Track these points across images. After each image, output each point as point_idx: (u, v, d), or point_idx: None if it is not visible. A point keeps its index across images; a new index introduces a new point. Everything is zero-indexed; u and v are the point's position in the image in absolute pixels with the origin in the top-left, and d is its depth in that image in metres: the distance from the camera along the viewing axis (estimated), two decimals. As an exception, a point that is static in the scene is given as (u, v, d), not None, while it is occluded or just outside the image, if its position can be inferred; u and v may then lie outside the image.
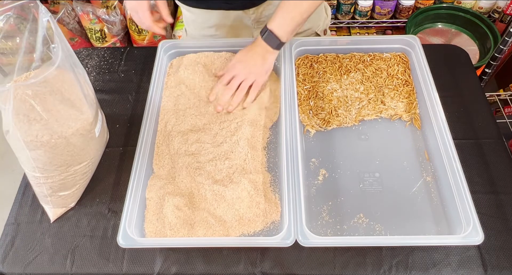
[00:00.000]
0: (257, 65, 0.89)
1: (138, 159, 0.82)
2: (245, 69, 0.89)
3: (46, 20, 0.69)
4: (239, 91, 0.90)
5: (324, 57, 1.01)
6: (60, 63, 0.69)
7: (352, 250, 0.77)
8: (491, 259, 0.75)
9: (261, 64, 0.89)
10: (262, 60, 0.89)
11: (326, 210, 0.80)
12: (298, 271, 0.75)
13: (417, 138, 0.89)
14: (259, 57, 0.89)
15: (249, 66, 0.89)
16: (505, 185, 0.84)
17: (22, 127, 0.71)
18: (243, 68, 0.90)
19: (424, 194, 0.81)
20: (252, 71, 0.89)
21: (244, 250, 0.78)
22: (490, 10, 1.87)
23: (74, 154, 0.78)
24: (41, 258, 0.79)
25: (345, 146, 0.89)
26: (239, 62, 0.91)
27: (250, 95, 0.90)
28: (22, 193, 0.88)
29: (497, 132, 0.92)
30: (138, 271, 0.77)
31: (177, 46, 1.01)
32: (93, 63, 1.09)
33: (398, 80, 0.97)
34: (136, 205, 0.78)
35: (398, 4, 1.90)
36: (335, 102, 0.94)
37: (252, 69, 0.89)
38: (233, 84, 0.90)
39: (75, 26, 1.86)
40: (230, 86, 0.90)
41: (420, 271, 0.74)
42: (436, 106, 0.86)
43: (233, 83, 0.90)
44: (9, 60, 0.75)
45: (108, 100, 1.01)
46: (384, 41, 1.01)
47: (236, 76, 0.90)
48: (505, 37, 1.43)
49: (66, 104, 0.74)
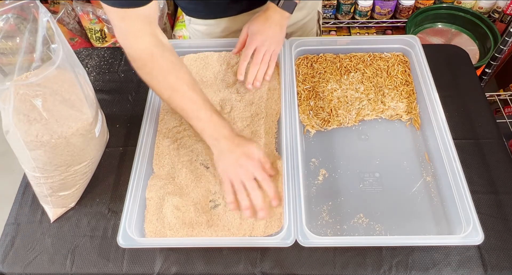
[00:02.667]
0: (276, 34, 0.89)
1: (138, 159, 0.82)
2: (266, 40, 0.88)
3: (46, 20, 0.69)
4: (263, 65, 0.89)
5: (324, 57, 1.01)
6: (60, 63, 0.69)
7: (352, 250, 0.77)
8: (491, 259, 0.75)
9: (280, 32, 0.89)
10: (280, 28, 0.89)
11: (326, 210, 0.80)
12: (298, 271, 0.75)
13: (417, 138, 0.89)
14: (277, 26, 0.89)
15: (269, 37, 0.88)
16: (505, 185, 0.84)
17: (22, 127, 0.71)
18: (264, 39, 0.88)
19: (424, 194, 0.81)
20: (273, 41, 0.89)
21: (244, 250, 0.78)
22: (490, 10, 1.87)
23: (74, 154, 0.78)
24: (41, 258, 0.79)
25: (345, 146, 0.89)
26: (257, 34, 0.89)
27: (270, 67, 0.90)
28: (22, 193, 0.89)
29: (497, 132, 0.92)
30: (138, 271, 0.77)
31: (177, 46, 1.01)
32: (93, 63, 1.09)
33: (398, 80, 0.97)
34: (136, 205, 0.78)
35: (398, 4, 1.90)
36: (335, 102, 0.94)
37: (272, 39, 0.89)
38: (258, 58, 0.89)
39: (75, 26, 1.86)
40: (255, 61, 0.89)
41: (420, 271, 0.74)
42: (436, 106, 0.86)
43: (258, 57, 0.89)
44: (9, 60, 0.75)
45: (108, 100, 1.01)
46: (384, 41, 1.01)
47: (258, 48, 0.89)
48: (505, 37, 1.43)
49: (66, 104, 0.74)
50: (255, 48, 0.89)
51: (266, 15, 0.89)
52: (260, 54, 0.89)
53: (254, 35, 0.89)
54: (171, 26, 2.00)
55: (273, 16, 0.89)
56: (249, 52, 0.89)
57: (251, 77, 0.89)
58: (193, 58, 1.00)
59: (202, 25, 1.06)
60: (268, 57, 0.89)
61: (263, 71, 0.89)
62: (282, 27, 0.90)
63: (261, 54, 0.89)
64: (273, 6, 0.88)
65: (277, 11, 0.88)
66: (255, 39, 0.89)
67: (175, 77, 0.78)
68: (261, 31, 0.89)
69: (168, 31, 1.95)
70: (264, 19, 0.89)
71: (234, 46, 1.01)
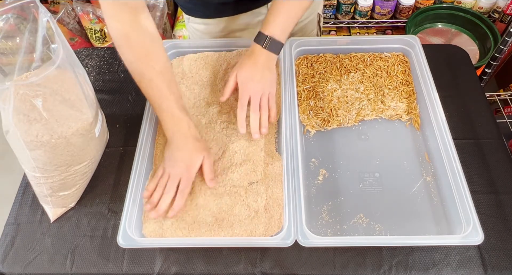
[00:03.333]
0: (266, 77, 0.85)
1: (138, 159, 0.82)
2: (257, 86, 0.84)
3: (46, 20, 0.69)
4: (263, 110, 0.85)
5: (324, 57, 1.01)
6: (60, 63, 0.69)
7: (352, 250, 0.77)
8: (491, 259, 0.75)
9: (269, 74, 0.85)
10: (268, 70, 0.85)
11: (326, 210, 0.80)
12: (298, 271, 0.75)
13: (417, 138, 0.89)
14: (265, 68, 0.85)
15: (260, 81, 0.85)
16: (505, 185, 0.84)
17: (22, 127, 0.71)
18: (255, 85, 0.84)
19: (424, 194, 0.81)
20: (265, 85, 0.85)
21: (244, 250, 0.78)
22: (490, 10, 1.87)
23: (74, 154, 0.78)
24: (41, 258, 0.79)
25: (345, 146, 0.89)
26: (248, 82, 0.84)
27: (272, 110, 0.86)
28: (22, 193, 0.89)
29: (497, 132, 0.92)
30: (138, 271, 0.77)
31: (177, 46, 1.01)
32: (93, 63, 1.09)
33: (398, 80, 0.97)
34: (136, 205, 0.78)
35: (398, 4, 1.90)
36: (335, 102, 0.94)
37: (264, 83, 0.85)
38: (255, 106, 0.84)
39: (75, 26, 1.86)
40: (254, 108, 0.84)
41: (420, 271, 0.74)
42: (436, 106, 0.86)
43: (255, 105, 0.84)
44: (9, 60, 0.75)
45: (108, 100, 1.01)
46: (384, 41, 1.01)
47: (253, 96, 0.84)
48: (505, 37, 1.43)
49: (66, 104, 0.74)
50: (249, 96, 0.84)
51: (252, 59, 0.85)
52: (256, 101, 0.84)
53: (245, 84, 0.85)
54: (171, 26, 2.00)
55: (259, 59, 0.84)
56: (244, 103, 0.84)
57: (255, 126, 0.84)
58: (193, 58, 1.00)
59: (201, 24, 1.06)
60: (266, 102, 0.85)
61: (265, 117, 0.85)
62: (271, 69, 0.85)
63: (257, 101, 0.84)
64: (258, 49, 0.84)
65: (263, 53, 0.84)
66: (247, 87, 0.84)
67: (145, 64, 0.78)
68: (251, 77, 0.84)
69: (168, 31, 1.95)
70: (252, 64, 0.85)
71: (234, 46, 1.01)
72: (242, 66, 0.86)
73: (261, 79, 0.84)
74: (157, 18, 1.83)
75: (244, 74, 0.85)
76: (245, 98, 0.84)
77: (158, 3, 1.80)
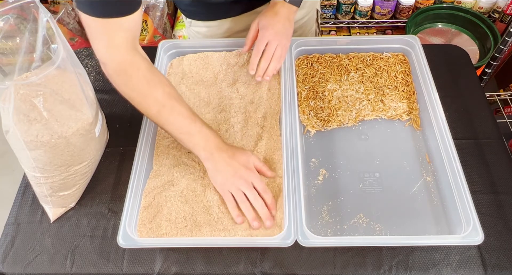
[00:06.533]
0: (286, 28, 0.90)
1: (138, 159, 0.82)
2: (277, 34, 0.89)
3: (46, 20, 0.69)
4: (275, 60, 0.89)
5: (324, 57, 1.01)
6: (60, 63, 0.69)
7: (352, 250, 0.77)
8: (491, 259, 0.75)
9: (289, 26, 0.91)
10: (289, 22, 0.91)
11: (326, 210, 0.80)
12: (298, 271, 0.75)
13: (417, 138, 0.89)
14: (286, 20, 0.90)
15: (279, 30, 0.89)
16: (505, 185, 0.84)
17: (22, 127, 0.71)
18: (275, 33, 0.89)
19: (424, 194, 0.81)
20: (283, 36, 0.90)
21: (244, 250, 0.78)
22: (490, 10, 1.87)
23: (74, 154, 0.78)
24: (41, 258, 0.79)
25: (345, 145, 0.89)
26: (268, 28, 0.89)
27: (280, 60, 0.90)
28: (22, 193, 0.89)
29: (497, 132, 0.92)
30: (138, 271, 0.77)
31: (177, 46, 1.01)
32: (93, 63, 1.09)
33: (398, 80, 0.97)
34: (136, 205, 0.78)
35: (398, 4, 1.90)
36: (335, 103, 0.94)
37: (283, 33, 0.90)
38: (269, 52, 0.89)
39: (75, 26, 1.86)
40: (267, 55, 0.89)
41: (420, 271, 0.74)
42: (436, 106, 0.86)
43: (269, 51, 0.89)
44: (9, 60, 0.75)
45: (108, 100, 1.01)
46: (384, 41, 1.01)
47: (270, 43, 0.89)
48: (505, 37, 1.43)
49: (66, 104, 0.74)
50: (267, 42, 0.89)
51: (274, 10, 0.90)
52: (272, 48, 0.89)
53: (265, 30, 0.90)
54: (171, 26, 2.00)
55: (281, 10, 0.90)
56: (261, 47, 0.89)
57: (262, 70, 0.89)
58: (193, 58, 1.00)
59: (203, 27, 1.06)
60: (279, 52, 0.89)
61: (273, 66, 0.90)
62: (290, 21, 0.91)
63: (273, 49, 0.89)
64: (280, 2, 0.90)
65: (285, 5, 0.90)
66: (266, 33, 0.89)
67: (162, 91, 0.75)
68: (271, 25, 0.89)
69: (168, 31, 1.95)
70: (273, 14, 0.90)
71: (234, 46, 1.01)
72: (263, 16, 0.91)
73: (281, 28, 0.90)
74: (157, 18, 1.84)
75: (266, 21, 0.90)
76: (262, 44, 0.89)
77: (158, 3, 1.80)
